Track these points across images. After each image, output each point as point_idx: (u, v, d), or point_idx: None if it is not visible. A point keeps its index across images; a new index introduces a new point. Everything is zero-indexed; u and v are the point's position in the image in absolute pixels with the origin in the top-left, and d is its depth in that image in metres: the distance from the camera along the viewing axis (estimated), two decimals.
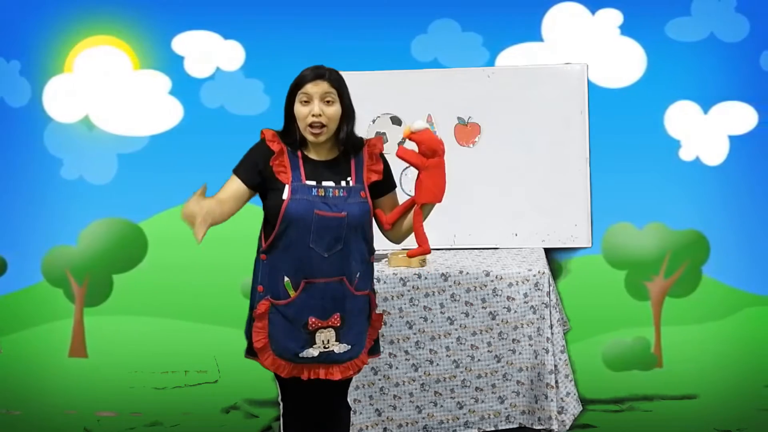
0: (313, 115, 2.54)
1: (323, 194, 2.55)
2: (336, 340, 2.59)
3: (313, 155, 2.62)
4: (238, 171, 2.60)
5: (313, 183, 2.57)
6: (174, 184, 4.09)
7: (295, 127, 2.60)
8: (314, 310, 2.56)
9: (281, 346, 2.57)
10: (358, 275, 2.62)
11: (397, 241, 2.78)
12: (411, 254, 2.74)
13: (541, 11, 4.04)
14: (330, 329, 2.58)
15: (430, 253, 2.72)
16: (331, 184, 2.58)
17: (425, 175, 2.65)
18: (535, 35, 4.04)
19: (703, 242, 4.02)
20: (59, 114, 4.15)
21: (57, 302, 4.20)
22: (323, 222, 2.53)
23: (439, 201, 2.67)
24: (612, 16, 4.02)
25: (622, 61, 4.02)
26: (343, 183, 2.60)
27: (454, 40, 4.06)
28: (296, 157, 2.59)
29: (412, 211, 2.67)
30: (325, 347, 2.58)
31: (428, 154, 2.64)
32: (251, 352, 2.65)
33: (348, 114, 2.62)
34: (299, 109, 2.56)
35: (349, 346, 2.61)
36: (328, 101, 2.56)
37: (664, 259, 4.03)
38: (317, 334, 2.57)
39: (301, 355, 2.57)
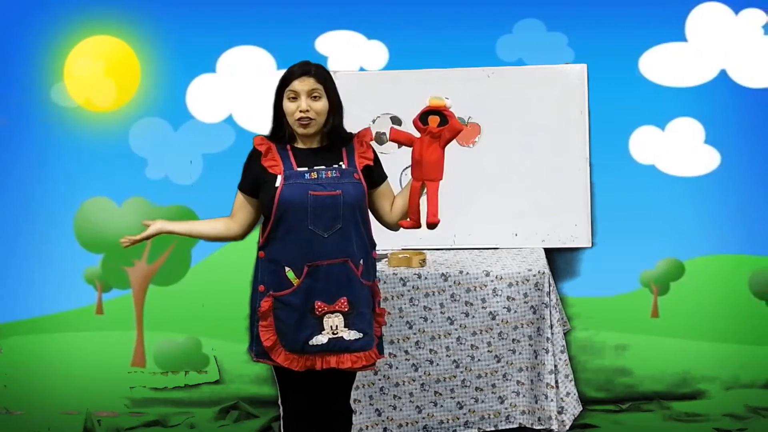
0: (300, 111, 2.59)
1: (316, 176, 2.60)
2: (345, 326, 2.60)
3: (302, 146, 2.68)
4: (240, 186, 2.74)
5: (305, 168, 2.62)
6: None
7: (283, 122, 2.66)
8: (320, 294, 2.58)
9: (290, 338, 2.58)
10: (361, 262, 2.65)
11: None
12: (402, 224, 2.76)
13: (683, 11, 4.01)
14: (338, 314, 2.59)
15: (420, 227, 2.74)
16: (322, 167, 2.63)
17: (441, 154, 2.67)
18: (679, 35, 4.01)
19: None
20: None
21: None
22: (319, 201, 2.56)
23: (440, 178, 2.70)
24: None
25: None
26: (335, 166, 2.64)
27: (539, 40, 4.05)
28: (285, 150, 2.66)
29: (410, 188, 2.72)
30: (333, 333, 2.59)
31: (453, 132, 2.66)
32: (261, 354, 2.64)
33: (335, 108, 2.67)
34: (287, 106, 2.62)
35: (361, 335, 2.62)
36: (315, 96, 2.61)
37: None
38: (325, 319, 2.58)
39: (310, 342, 2.58)
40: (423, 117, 2.68)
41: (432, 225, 2.71)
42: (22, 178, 4.18)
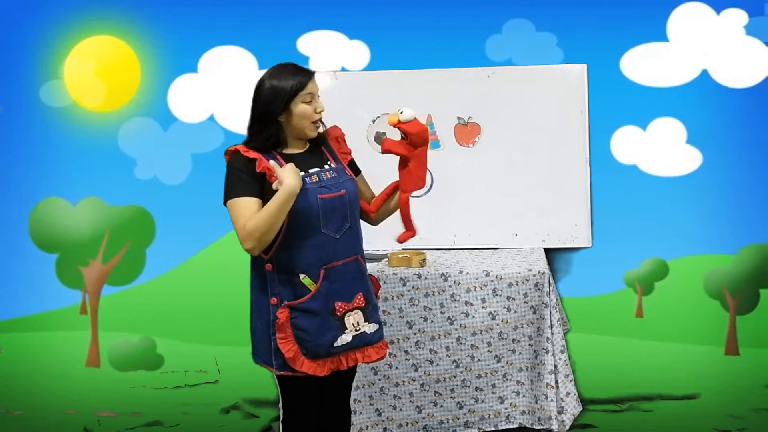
0: (318, 112, 2.61)
1: (317, 179, 2.59)
2: (365, 321, 2.63)
3: (288, 151, 2.65)
4: (240, 192, 2.53)
5: (302, 173, 2.58)
6: None
7: (275, 129, 2.58)
8: (339, 295, 2.59)
9: (314, 344, 2.57)
10: (364, 254, 2.71)
11: (376, 224, 2.86)
12: (401, 239, 2.83)
13: (665, 11, 4.00)
14: (357, 311, 2.62)
15: (416, 234, 2.82)
16: (316, 169, 2.62)
17: (414, 165, 2.71)
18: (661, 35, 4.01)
19: None
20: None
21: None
22: (329, 204, 2.57)
23: (423, 187, 2.77)
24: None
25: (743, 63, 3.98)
26: (326, 167, 2.64)
27: (528, 40, 4.04)
28: (274, 158, 2.60)
29: (397, 199, 2.77)
30: (356, 330, 2.61)
31: (418, 144, 2.69)
32: (282, 367, 2.60)
33: None
34: (305, 109, 2.58)
35: (377, 325, 2.67)
36: (318, 96, 2.64)
37: None
38: (346, 317, 2.60)
39: (336, 344, 2.58)
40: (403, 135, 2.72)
41: (401, 241, 2.84)
42: (21, 177, 4.19)
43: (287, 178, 2.44)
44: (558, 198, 3.95)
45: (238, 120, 4.09)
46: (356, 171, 2.81)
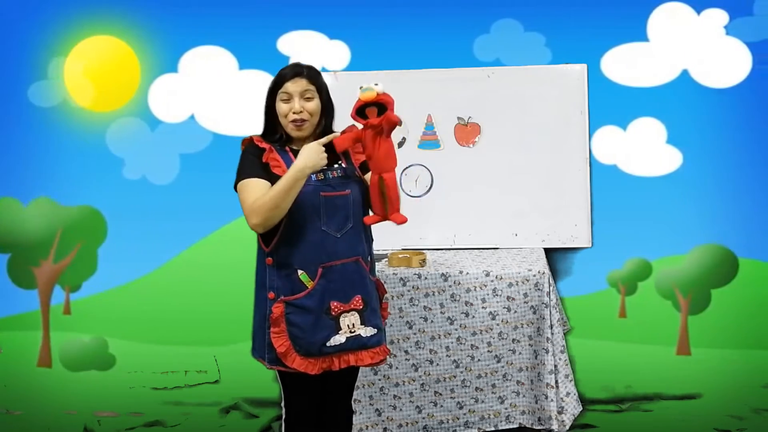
0: (294, 113, 2.60)
1: (323, 177, 2.60)
2: (361, 324, 2.62)
3: (298, 147, 2.66)
4: (252, 174, 2.59)
5: None
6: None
7: (276, 124, 2.66)
8: (335, 294, 2.59)
9: (306, 342, 2.57)
10: (369, 259, 2.69)
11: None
12: (367, 220, 2.67)
13: (646, 11, 3.99)
14: (353, 313, 2.61)
15: (386, 220, 2.65)
16: (325, 167, 2.62)
17: (389, 144, 2.59)
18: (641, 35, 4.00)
19: None
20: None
21: None
22: (331, 202, 2.58)
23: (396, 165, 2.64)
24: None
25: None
26: (336, 166, 2.65)
27: (516, 40, 4.03)
28: (285, 152, 2.64)
29: (369, 183, 2.64)
30: (351, 332, 2.60)
31: (391, 123, 2.59)
32: (274, 361, 2.62)
33: (327, 109, 2.69)
34: (281, 107, 2.63)
35: (375, 330, 2.65)
36: (307, 98, 2.63)
37: None
38: (341, 318, 2.59)
39: (328, 344, 2.58)
40: (360, 111, 2.59)
41: (397, 222, 2.64)
42: (22, 178, 4.19)
43: (302, 156, 2.51)
44: (558, 198, 3.95)
45: (218, 120, 4.08)
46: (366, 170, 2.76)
